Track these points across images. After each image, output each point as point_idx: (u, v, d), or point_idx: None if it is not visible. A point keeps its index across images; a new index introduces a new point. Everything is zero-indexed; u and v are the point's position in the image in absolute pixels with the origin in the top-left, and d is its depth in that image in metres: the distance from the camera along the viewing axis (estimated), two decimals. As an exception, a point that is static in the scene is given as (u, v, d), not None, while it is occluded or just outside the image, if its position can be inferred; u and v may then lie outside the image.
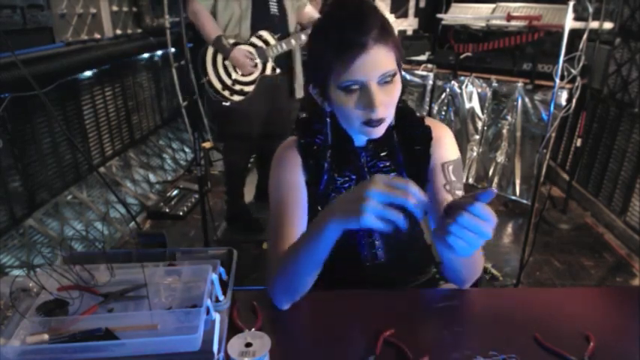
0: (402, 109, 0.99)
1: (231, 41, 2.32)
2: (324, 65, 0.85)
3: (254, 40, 2.36)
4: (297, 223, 0.97)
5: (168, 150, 3.71)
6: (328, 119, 0.97)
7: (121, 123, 3.10)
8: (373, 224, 0.70)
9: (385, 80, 0.85)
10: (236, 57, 2.30)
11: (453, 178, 1.00)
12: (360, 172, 1.01)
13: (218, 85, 2.37)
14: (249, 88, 2.40)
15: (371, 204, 0.69)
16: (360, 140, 0.99)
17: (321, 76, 0.87)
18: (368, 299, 0.97)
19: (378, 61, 0.83)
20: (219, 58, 2.35)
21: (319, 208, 1.01)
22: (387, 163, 1.01)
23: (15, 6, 2.02)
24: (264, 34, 2.37)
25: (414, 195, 0.68)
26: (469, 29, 3.10)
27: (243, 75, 2.37)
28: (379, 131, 0.89)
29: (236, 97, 2.39)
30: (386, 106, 0.86)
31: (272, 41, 2.38)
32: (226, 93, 2.38)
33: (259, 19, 2.35)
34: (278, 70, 2.45)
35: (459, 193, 1.00)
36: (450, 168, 1.00)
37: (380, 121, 0.87)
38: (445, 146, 1.01)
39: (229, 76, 2.37)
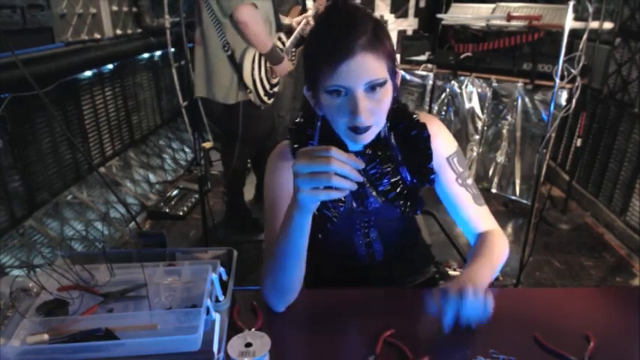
0: (396, 110, 0.97)
1: None
2: (314, 68, 0.86)
3: (276, 42, 2.40)
4: None
5: (168, 150, 3.71)
6: (319, 122, 0.95)
7: (121, 123, 3.10)
8: (313, 197, 0.74)
9: (372, 87, 0.84)
10: (285, 64, 2.36)
11: (461, 169, 1.02)
12: None
13: (261, 92, 2.36)
14: (277, 89, 2.49)
15: (299, 179, 0.73)
16: (354, 145, 0.97)
17: (312, 79, 0.88)
18: (368, 299, 0.97)
19: (364, 68, 0.82)
20: (262, 65, 2.32)
21: (315, 212, 1.01)
22: (385, 166, 0.99)
23: (15, 6, 2.02)
24: (282, 35, 2.44)
25: (337, 158, 0.71)
26: (469, 29, 3.10)
27: (274, 77, 2.44)
28: (365, 138, 0.88)
29: (271, 100, 2.45)
30: (371, 113, 0.85)
31: (287, 42, 2.47)
32: (266, 98, 2.41)
33: (277, 20, 2.41)
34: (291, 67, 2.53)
35: (470, 181, 1.03)
36: (455, 160, 1.02)
37: (366, 129, 0.86)
38: (444, 140, 1.02)
39: (269, 81, 2.39)
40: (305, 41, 0.94)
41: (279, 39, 2.42)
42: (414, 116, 1.01)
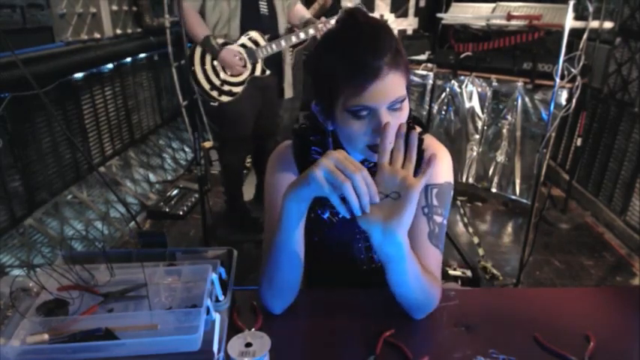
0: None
1: (220, 41, 2.30)
2: (333, 86, 0.82)
3: (244, 40, 2.35)
4: None
5: (168, 150, 3.71)
6: (330, 139, 0.94)
7: (120, 123, 3.10)
8: (319, 184, 0.72)
9: (395, 106, 0.82)
10: (225, 57, 2.28)
11: (435, 203, 0.93)
12: None
13: (206, 86, 2.34)
14: (238, 89, 2.39)
15: (324, 164, 0.72)
16: (358, 157, 0.95)
17: (329, 96, 0.84)
18: (368, 299, 0.97)
19: (390, 88, 0.80)
20: (208, 58, 2.33)
21: (312, 215, 1.01)
22: None
23: (15, 5, 2.02)
24: (254, 34, 2.36)
25: (364, 178, 0.71)
26: (469, 29, 3.09)
27: (232, 75, 2.36)
28: None
29: (224, 98, 2.38)
30: (393, 130, 0.83)
31: (262, 42, 2.37)
32: (214, 93, 2.36)
33: (249, 19, 2.34)
34: (267, 72, 2.44)
35: (438, 219, 0.93)
36: (434, 191, 0.94)
37: None
38: (437, 168, 0.95)
39: (217, 76, 2.35)
40: (315, 55, 0.88)
41: (250, 38, 2.36)
42: (422, 139, 0.98)
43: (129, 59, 3.15)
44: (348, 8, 0.88)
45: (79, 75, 2.58)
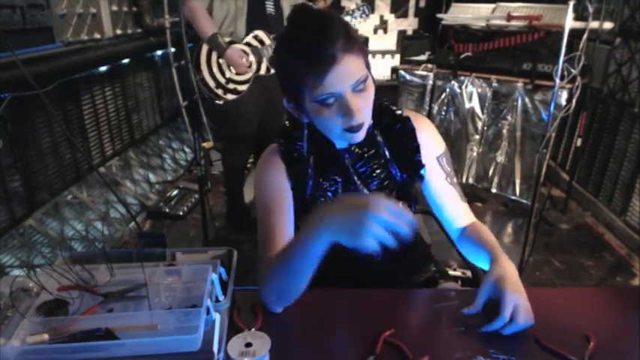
0: (378, 107, 1.00)
1: (227, 39, 2.32)
2: (296, 81, 0.86)
3: (249, 39, 2.37)
4: (285, 227, 0.97)
5: (169, 150, 3.71)
6: (306, 131, 0.97)
7: (121, 123, 3.10)
8: (370, 246, 0.72)
9: (359, 87, 0.85)
10: (231, 55, 2.30)
11: (449, 169, 1.06)
12: (346, 174, 1.02)
13: (211, 83, 2.36)
14: (243, 87, 2.40)
15: (373, 228, 0.71)
16: (341, 143, 1.00)
17: (295, 91, 0.88)
18: (368, 299, 0.97)
19: (349, 71, 0.83)
20: (214, 56, 2.34)
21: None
22: (374, 163, 1.02)
23: (15, 6, 2.02)
24: (260, 33, 2.38)
25: (407, 222, 0.73)
26: (469, 29, 3.09)
27: (237, 74, 2.37)
28: (360, 136, 0.90)
29: (229, 96, 2.39)
30: (363, 111, 0.87)
31: (267, 41, 2.38)
32: (220, 91, 2.37)
33: (255, 18, 2.36)
34: (272, 71, 2.44)
35: (455, 179, 1.08)
36: (444, 160, 1.06)
37: (360, 126, 0.88)
38: (432, 137, 1.05)
39: (223, 74, 2.36)
40: (275, 56, 0.92)
41: (256, 37, 2.37)
42: (397, 111, 1.03)
43: (129, 60, 3.15)
44: (294, 6, 0.90)
45: (79, 75, 2.57)
